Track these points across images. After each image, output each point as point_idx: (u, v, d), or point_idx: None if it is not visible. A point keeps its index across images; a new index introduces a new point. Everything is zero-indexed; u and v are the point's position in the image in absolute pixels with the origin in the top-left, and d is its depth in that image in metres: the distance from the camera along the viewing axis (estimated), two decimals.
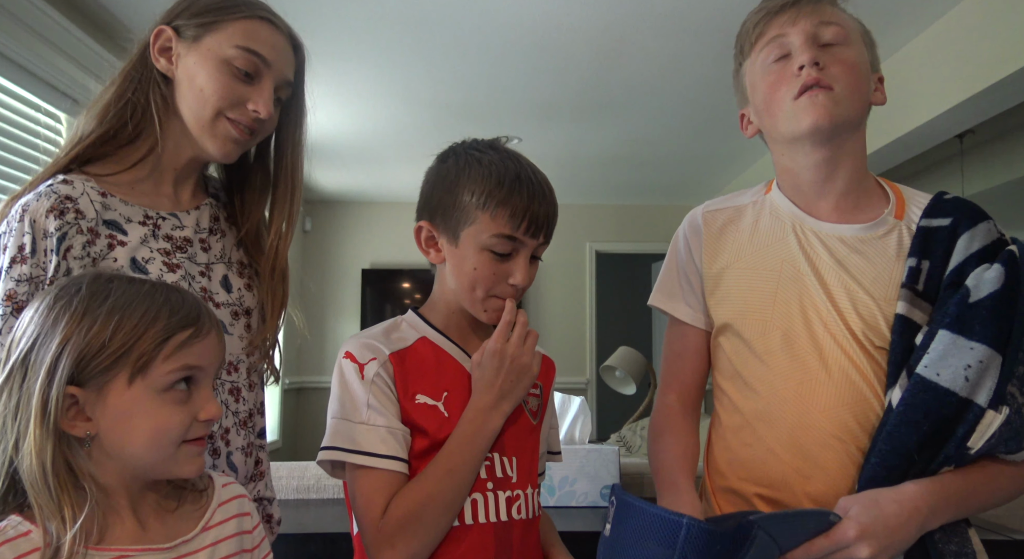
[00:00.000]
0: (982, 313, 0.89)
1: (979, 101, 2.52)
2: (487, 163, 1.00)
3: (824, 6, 1.01)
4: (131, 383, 0.74)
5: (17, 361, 0.74)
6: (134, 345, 0.73)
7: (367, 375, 0.97)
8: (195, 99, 1.01)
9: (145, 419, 0.74)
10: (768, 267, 1.04)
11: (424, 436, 0.97)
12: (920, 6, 2.54)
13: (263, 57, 1.02)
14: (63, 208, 0.93)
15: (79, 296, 0.75)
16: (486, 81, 3.27)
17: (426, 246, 1.07)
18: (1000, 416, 0.87)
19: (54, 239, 0.92)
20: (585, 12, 2.60)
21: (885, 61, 2.98)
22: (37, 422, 0.71)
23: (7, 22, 2.09)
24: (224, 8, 1.01)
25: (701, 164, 4.64)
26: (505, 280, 1.00)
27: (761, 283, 1.04)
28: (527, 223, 0.98)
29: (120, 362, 0.73)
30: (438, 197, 1.04)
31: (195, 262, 1.05)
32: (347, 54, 2.96)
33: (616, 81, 3.24)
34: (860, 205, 1.03)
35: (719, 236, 1.11)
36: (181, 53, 1.01)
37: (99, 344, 0.72)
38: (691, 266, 1.13)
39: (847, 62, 0.99)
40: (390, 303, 5.60)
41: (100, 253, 0.96)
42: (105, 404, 0.73)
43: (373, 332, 1.03)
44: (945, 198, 1.01)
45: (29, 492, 0.71)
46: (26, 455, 0.71)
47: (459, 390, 1.01)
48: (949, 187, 4.42)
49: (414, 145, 4.25)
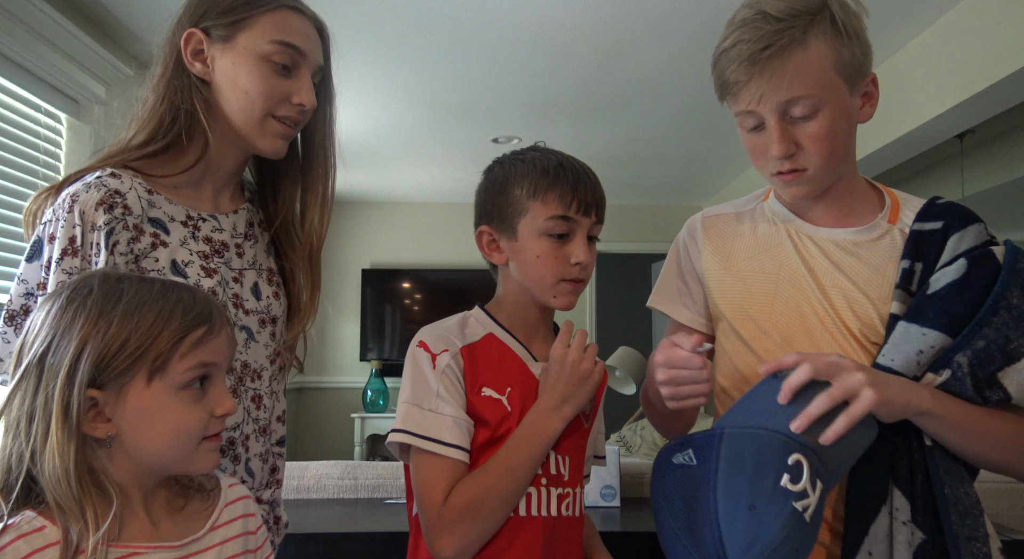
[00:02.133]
0: (936, 302, 0.92)
1: (979, 101, 2.52)
2: (530, 160, 1.08)
3: (788, 69, 0.92)
4: (150, 383, 0.74)
5: (32, 363, 0.74)
6: (151, 345, 0.74)
7: (439, 365, 1.02)
8: (241, 101, 1.00)
9: (166, 418, 0.75)
10: (766, 271, 1.06)
11: (487, 428, 1.01)
12: (920, 6, 2.54)
13: (298, 48, 1.01)
14: (112, 202, 0.93)
15: (92, 297, 0.75)
16: (486, 81, 3.26)
17: (488, 249, 1.12)
18: (939, 378, 0.91)
19: (103, 233, 0.91)
20: (584, 12, 2.60)
21: (885, 61, 2.98)
22: (59, 425, 0.71)
23: (7, 22, 2.09)
24: (250, 3, 1.00)
25: (701, 164, 4.64)
26: (568, 262, 1.05)
27: (760, 286, 1.06)
28: (576, 202, 1.04)
29: (138, 363, 0.74)
30: (491, 201, 1.10)
31: (230, 267, 1.05)
32: (347, 54, 2.96)
33: (615, 81, 3.24)
34: (854, 210, 1.05)
35: (717, 240, 1.13)
36: (215, 55, 1.00)
37: (117, 346, 0.73)
38: (690, 270, 1.16)
39: (819, 137, 0.95)
40: (390, 303, 5.60)
41: (143, 251, 0.96)
42: (125, 405, 0.74)
43: (447, 325, 1.08)
44: (938, 203, 1.02)
45: (49, 495, 0.71)
46: (48, 459, 0.71)
47: (521, 387, 1.05)
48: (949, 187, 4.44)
49: (414, 145, 4.25)
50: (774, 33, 0.91)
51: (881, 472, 0.91)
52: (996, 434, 0.91)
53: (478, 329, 1.08)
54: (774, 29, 0.91)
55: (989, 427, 0.91)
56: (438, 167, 4.78)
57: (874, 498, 0.91)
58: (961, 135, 3.66)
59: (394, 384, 5.38)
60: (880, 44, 2.85)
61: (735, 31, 0.95)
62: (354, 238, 5.66)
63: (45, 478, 0.71)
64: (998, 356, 0.89)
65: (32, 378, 0.73)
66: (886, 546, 0.89)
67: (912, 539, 0.88)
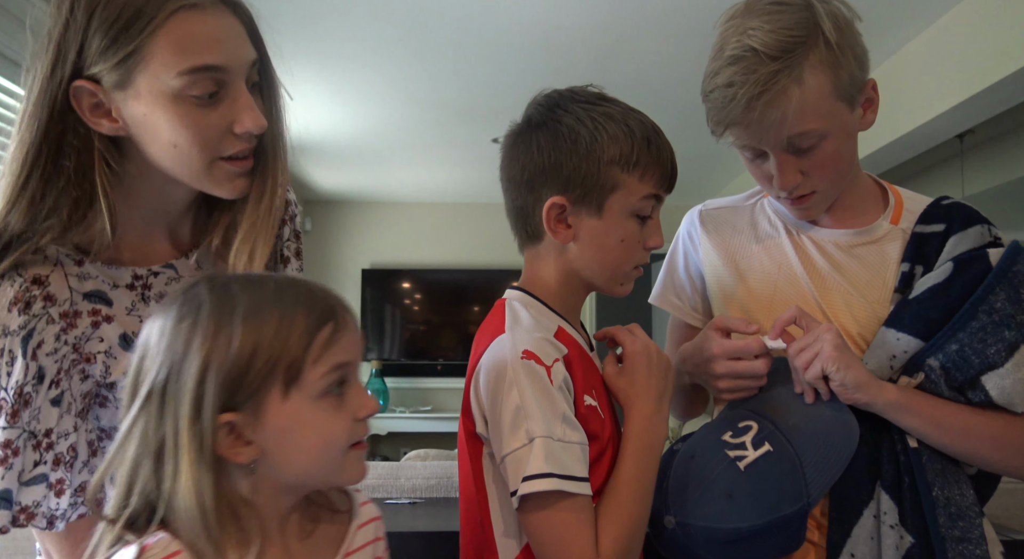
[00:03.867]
0: (913, 306, 0.92)
1: (979, 101, 2.52)
2: (619, 118, 0.89)
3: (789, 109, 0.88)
4: (286, 396, 0.65)
5: (153, 392, 0.64)
6: (281, 354, 0.64)
7: (555, 380, 0.81)
8: (173, 157, 0.79)
9: (309, 431, 0.66)
10: (766, 270, 1.05)
11: (597, 442, 0.85)
12: (920, 6, 2.54)
13: (216, 66, 0.76)
14: (28, 298, 0.78)
15: (203, 310, 0.65)
16: (486, 81, 3.26)
17: (557, 222, 0.90)
18: (914, 381, 0.91)
19: (17, 339, 0.77)
20: (585, 12, 2.59)
21: (885, 61, 2.98)
22: (191, 458, 0.62)
23: (7, 22, 2.09)
24: (130, 26, 0.72)
25: (701, 164, 4.63)
26: (644, 246, 0.92)
27: (759, 286, 1.05)
28: (668, 180, 0.91)
29: (271, 376, 0.64)
30: (571, 164, 0.87)
31: None
32: (347, 54, 2.96)
33: (615, 81, 3.24)
34: (856, 210, 1.03)
35: (716, 235, 1.12)
36: (117, 103, 0.76)
37: (245, 361, 0.63)
38: (690, 264, 1.15)
39: (825, 164, 0.93)
40: (390, 303, 5.60)
41: (81, 337, 0.82)
42: (264, 424, 0.65)
43: (526, 325, 0.86)
44: (942, 204, 1.00)
45: (184, 536, 0.63)
46: (182, 497, 0.62)
47: (601, 387, 0.91)
48: (949, 187, 4.44)
49: (414, 145, 4.25)
50: (769, 76, 0.86)
51: (863, 474, 0.90)
52: (982, 431, 0.90)
53: (548, 323, 0.89)
54: (769, 71, 0.87)
55: (971, 423, 0.90)
56: (438, 167, 4.78)
57: (855, 500, 0.90)
58: (961, 135, 3.66)
59: (394, 384, 5.38)
60: (880, 44, 2.85)
61: (726, 67, 0.90)
62: (354, 238, 5.66)
63: (179, 518, 0.63)
64: (975, 360, 0.88)
65: (154, 408, 0.64)
66: (870, 549, 0.87)
67: (901, 543, 0.87)
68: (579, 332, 0.95)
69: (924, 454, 0.90)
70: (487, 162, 4.61)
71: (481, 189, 5.34)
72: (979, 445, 0.91)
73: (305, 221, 5.54)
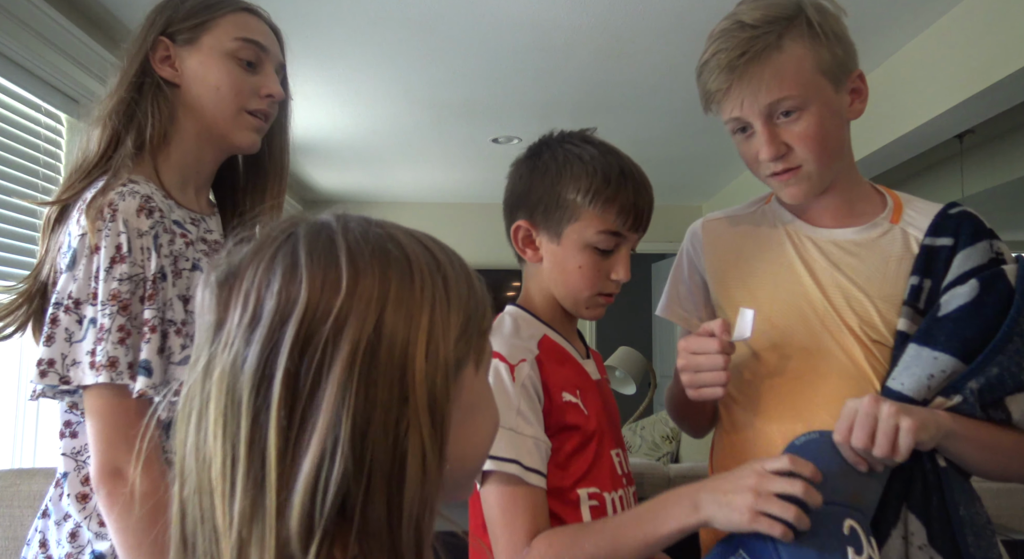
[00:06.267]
0: (948, 325, 0.91)
1: (979, 101, 2.52)
2: (588, 158, 0.99)
3: (766, 72, 0.93)
4: (478, 371, 0.55)
5: (363, 354, 0.46)
6: (480, 313, 0.54)
7: (519, 377, 0.91)
8: (213, 97, 1.04)
9: (487, 411, 0.57)
10: (766, 272, 1.06)
11: (576, 433, 0.94)
12: (920, 6, 2.54)
13: (261, 44, 1.06)
14: (150, 207, 0.96)
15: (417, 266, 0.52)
16: (486, 81, 3.26)
17: (523, 245, 1.03)
18: (949, 402, 0.89)
19: (150, 237, 0.95)
20: (585, 12, 2.60)
21: (885, 61, 2.98)
22: (428, 434, 0.46)
23: (7, 22, 2.09)
24: (210, 7, 1.05)
25: (701, 164, 4.64)
26: (607, 277, 1.00)
27: (760, 287, 1.06)
28: (632, 218, 0.98)
29: (472, 341, 0.53)
30: (538, 194, 1.00)
31: None
32: (347, 54, 2.96)
33: (616, 81, 3.24)
34: (855, 210, 1.04)
35: (719, 242, 1.13)
36: (183, 57, 1.04)
37: (460, 321, 0.52)
38: (695, 275, 1.16)
39: (807, 135, 0.95)
40: None
41: (179, 251, 0.99)
42: (459, 395, 0.52)
43: (505, 331, 0.97)
44: (950, 213, 1.00)
45: (385, 552, 0.45)
46: (410, 487, 0.45)
47: (584, 388, 1.00)
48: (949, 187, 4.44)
49: (414, 145, 4.25)
50: (749, 40, 0.93)
51: (890, 495, 0.90)
52: (1011, 449, 0.91)
53: (533, 331, 1.00)
54: (749, 36, 0.93)
55: (1002, 443, 0.91)
56: (438, 167, 4.78)
57: (883, 522, 0.89)
58: (961, 135, 3.66)
59: None
60: (880, 44, 2.86)
61: (714, 42, 0.97)
62: None
63: (397, 523, 0.45)
64: (1009, 383, 0.89)
65: (364, 377, 0.46)
66: None
67: None
68: (570, 341, 1.04)
69: (950, 472, 0.90)
70: (487, 162, 4.61)
71: (481, 189, 5.34)
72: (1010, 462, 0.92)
73: None
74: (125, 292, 0.91)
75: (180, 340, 0.96)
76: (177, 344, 0.95)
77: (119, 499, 0.87)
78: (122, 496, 0.87)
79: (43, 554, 0.97)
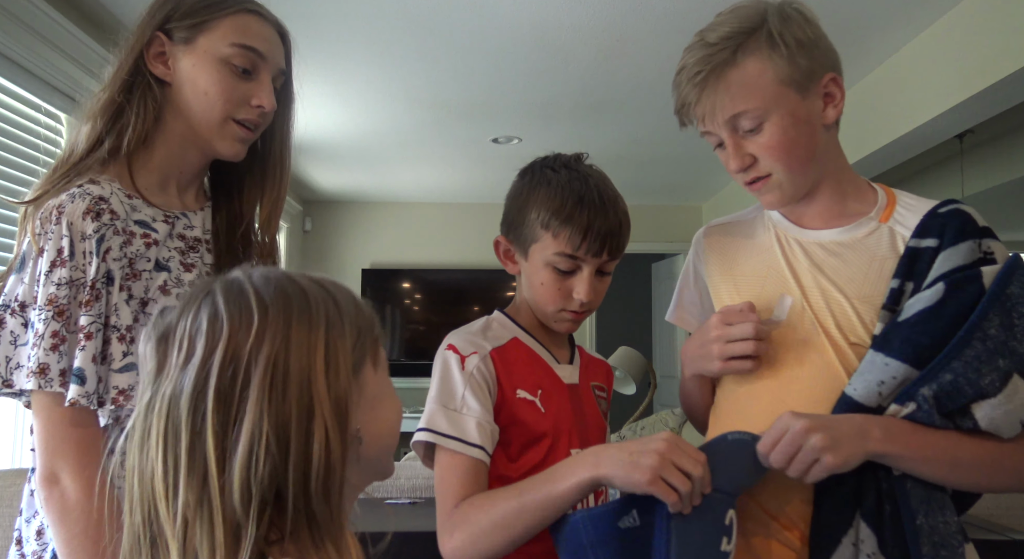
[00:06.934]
0: (904, 330, 0.90)
1: (979, 101, 2.52)
2: (555, 183, 1.05)
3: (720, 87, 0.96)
4: (376, 369, 0.67)
5: (277, 368, 0.59)
6: (369, 330, 0.67)
7: (467, 367, 1.02)
8: (201, 102, 1.01)
9: (390, 399, 0.69)
10: (756, 274, 1.07)
11: (525, 429, 1.02)
12: (920, 6, 2.54)
13: (258, 51, 1.02)
14: (98, 209, 0.93)
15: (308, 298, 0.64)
16: (486, 81, 3.26)
17: (505, 257, 1.13)
18: (904, 410, 0.89)
19: (93, 241, 0.92)
20: (585, 11, 2.60)
21: (885, 61, 2.98)
22: (332, 422, 0.59)
23: (7, 22, 2.09)
24: (211, 6, 1.01)
25: (701, 164, 4.64)
26: (569, 295, 1.05)
27: (747, 289, 1.07)
28: (587, 243, 1.02)
29: (367, 348, 0.66)
30: (512, 213, 1.10)
31: (204, 263, 1.06)
32: (347, 54, 2.96)
33: (616, 81, 3.24)
34: (846, 211, 1.04)
35: (718, 248, 1.15)
36: (176, 56, 1.01)
37: (359, 331, 0.65)
38: (699, 281, 1.18)
39: (771, 146, 0.97)
40: (390, 303, 5.59)
41: (137, 253, 0.97)
42: (364, 393, 0.65)
43: (473, 329, 1.09)
44: (939, 213, 0.98)
45: (305, 523, 0.58)
46: (315, 467, 0.57)
47: (549, 390, 1.06)
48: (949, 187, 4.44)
49: (414, 145, 4.25)
50: (706, 58, 0.97)
51: (843, 501, 0.89)
52: (972, 460, 0.89)
53: (503, 333, 1.09)
54: (707, 54, 0.97)
55: (961, 453, 0.88)
56: (438, 167, 4.78)
57: (835, 527, 0.89)
58: (961, 135, 3.66)
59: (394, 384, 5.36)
60: (880, 44, 2.85)
61: (682, 58, 1.02)
62: (354, 238, 5.66)
63: (313, 496, 0.58)
64: (968, 390, 0.86)
65: (280, 384, 0.58)
66: None
67: None
68: (549, 346, 1.11)
69: (908, 481, 0.89)
70: (487, 162, 4.61)
71: (481, 189, 5.34)
72: (970, 474, 0.90)
73: (305, 221, 5.54)
74: (63, 297, 0.89)
75: (123, 346, 0.93)
76: (119, 350, 0.92)
77: (55, 505, 0.87)
78: (57, 502, 0.87)
79: (18, 551, 0.97)
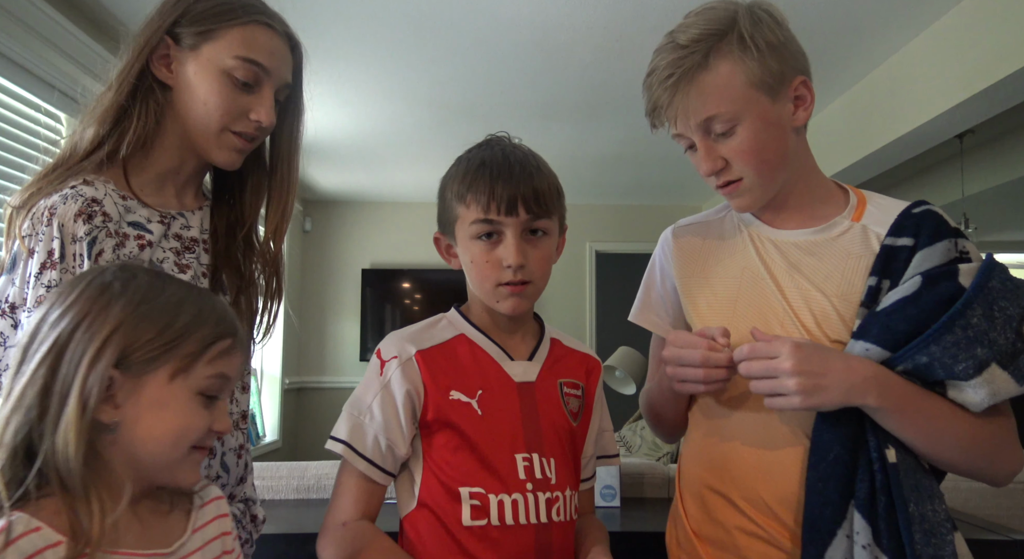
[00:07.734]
0: (882, 318, 0.92)
1: (979, 101, 2.52)
2: (462, 160, 1.05)
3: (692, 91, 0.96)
4: (172, 379, 0.74)
5: (58, 341, 0.72)
6: (184, 342, 0.75)
7: (385, 374, 1.00)
8: (199, 111, 1.00)
9: (175, 415, 0.75)
10: (729, 275, 1.07)
11: (456, 433, 0.98)
12: (920, 6, 2.54)
13: (262, 65, 1.01)
14: (91, 211, 0.93)
15: (136, 283, 0.75)
16: (486, 81, 3.26)
17: (446, 253, 1.10)
18: None
19: (84, 244, 0.91)
20: (585, 12, 2.60)
21: (885, 61, 2.98)
22: (76, 402, 0.69)
23: (7, 22, 2.09)
24: (221, 14, 1.00)
25: None
26: (501, 266, 1.00)
27: (724, 290, 1.07)
28: (495, 203, 0.98)
29: (167, 356, 0.74)
30: (439, 206, 1.08)
31: (200, 263, 1.06)
32: (347, 54, 2.96)
33: (616, 81, 3.24)
34: (817, 213, 1.05)
35: (687, 248, 1.15)
36: (181, 60, 1.01)
37: (152, 334, 0.73)
38: (665, 281, 1.18)
39: (742, 150, 0.98)
40: (390, 303, 5.60)
41: (130, 255, 0.97)
42: (140, 393, 0.73)
43: (413, 328, 1.06)
44: (913, 213, 1.00)
45: (54, 477, 0.69)
46: (62, 439, 0.69)
47: (494, 389, 1.01)
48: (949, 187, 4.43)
49: (414, 145, 4.25)
50: (677, 61, 0.96)
51: (836, 495, 0.90)
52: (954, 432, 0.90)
53: (448, 331, 1.05)
54: (678, 57, 0.96)
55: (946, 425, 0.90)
56: (438, 167, 4.72)
57: (829, 521, 0.90)
58: (961, 135, 3.66)
59: None
60: (880, 44, 2.85)
61: (652, 60, 1.00)
62: (354, 238, 5.66)
63: (54, 457, 0.69)
64: (940, 373, 0.89)
65: (49, 357, 0.71)
66: None
67: None
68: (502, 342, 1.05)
69: (901, 469, 0.89)
70: None
71: None
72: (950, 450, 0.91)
73: (305, 221, 5.54)
74: None
75: None
76: None
77: None
78: None
79: None
